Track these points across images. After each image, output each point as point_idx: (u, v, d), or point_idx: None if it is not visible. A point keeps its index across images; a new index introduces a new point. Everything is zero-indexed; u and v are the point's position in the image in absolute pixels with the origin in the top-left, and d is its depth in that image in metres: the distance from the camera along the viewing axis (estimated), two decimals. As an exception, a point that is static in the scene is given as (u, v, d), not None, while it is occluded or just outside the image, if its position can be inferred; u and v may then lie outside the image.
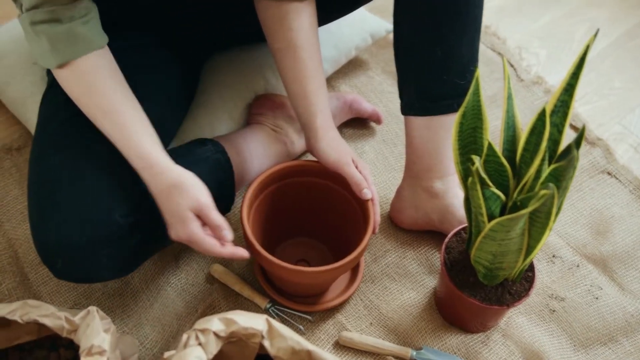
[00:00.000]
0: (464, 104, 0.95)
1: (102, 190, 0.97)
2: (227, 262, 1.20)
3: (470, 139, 0.98)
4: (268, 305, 1.14)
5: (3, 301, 1.14)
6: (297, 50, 1.07)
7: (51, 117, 1.08)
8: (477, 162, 0.89)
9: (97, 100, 0.96)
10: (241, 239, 1.22)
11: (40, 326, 0.94)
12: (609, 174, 1.39)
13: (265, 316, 0.88)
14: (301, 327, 1.13)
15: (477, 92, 0.94)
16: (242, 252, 0.95)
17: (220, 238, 0.94)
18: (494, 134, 1.39)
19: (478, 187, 0.90)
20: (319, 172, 1.13)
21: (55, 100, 1.10)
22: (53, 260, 0.96)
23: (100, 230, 0.95)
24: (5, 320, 0.95)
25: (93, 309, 0.92)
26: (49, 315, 0.93)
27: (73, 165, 0.99)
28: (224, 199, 1.17)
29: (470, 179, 0.92)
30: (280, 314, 1.13)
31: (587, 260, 1.25)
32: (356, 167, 1.08)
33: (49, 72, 1.22)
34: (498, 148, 0.94)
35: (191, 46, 1.26)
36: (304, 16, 1.06)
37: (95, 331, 0.89)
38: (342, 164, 1.07)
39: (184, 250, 1.21)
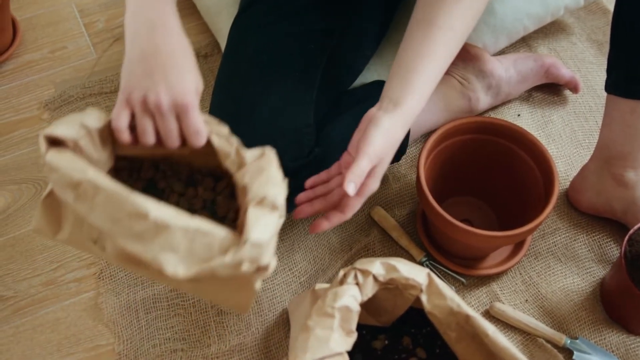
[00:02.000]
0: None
1: (277, 131, 0.97)
2: (389, 207, 1.17)
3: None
4: (423, 259, 1.10)
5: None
6: (432, 27, 0.90)
7: (241, 44, 1.08)
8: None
9: None
10: (407, 188, 1.19)
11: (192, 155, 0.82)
12: None
13: (427, 270, 0.85)
14: (453, 287, 1.08)
15: None
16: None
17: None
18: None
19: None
20: (505, 132, 1.06)
21: (247, 26, 1.10)
22: None
23: None
24: None
25: (270, 151, 0.78)
26: (222, 136, 0.79)
27: (254, 100, 0.99)
28: (397, 150, 1.13)
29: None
30: (434, 270, 1.09)
31: None
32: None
33: None
34: None
35: None
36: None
37: (272, 181, 0.75)
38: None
39: (349, 186, 1.19)
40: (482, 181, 1.14)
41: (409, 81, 0.89)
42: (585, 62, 1.37)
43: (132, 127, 0.77)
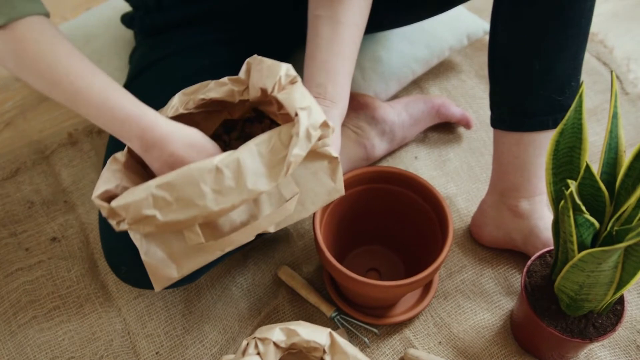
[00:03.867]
0: (563, 121, 0.87)
1: None
2: (296, 265, 1.16)
3: (565, 159, 0.90)
4: (334, 314, 1.09)
5: (71, 288, 1.14)
6: (338, 24, 0.95)
7: None
8: (572, 186, 0.81)
9: (58, 63, 0.81)
10: (312, 243, 1.18)
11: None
12: None
13: (328, 330, 0.85)
14: (366, 339, 1.08)
15: (579, 110, 0.86)
16: None
17: None
18: (590, 151, 1.29)
19: (570, 212, 0.83)
20: (398, 179, 1.07)
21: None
22: (117, 265, 0.96)
23: None
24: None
25: (252, 59, 0.85)
26: (211, 89, 0.87)
27: None
28: None
29: (562, 203, 0.84)
30: (346, 324, 1.09)
31: (685, 296, 1.14)
32: None
33: (131, 63, 1.21)
34: (596, 170, 0.86)
35: (262, 44, 1.21)
36: None
37: (272, 68, 0.81)
38: None
39: (254, 250, 1.18)
40: (385, 229, 1.15)
41: (337, 82, 0.93)
42: (476, 98, 1.41)
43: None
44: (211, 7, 1.12)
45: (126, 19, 1.24)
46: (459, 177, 1.29)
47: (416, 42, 1.36)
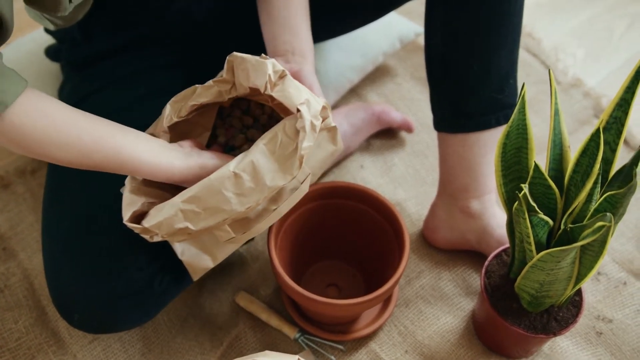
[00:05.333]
0: (509, 123, 0.87)
1: (118, 243, 0.91)
2: (253, 288, 1.13)
3: (514, 160, 0.91)
4: (297, 335, 1.07)
5: (20, 340, 1.09)
6: None
7: None
8: (525, 189, 0.82)
9: (67, 139, 0.77)
10: (267, 265, 1.16)
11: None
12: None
13: (296, 357, 0.83)
14: (333, 357, 1.06)
15: (522, 111, 0.87)
16: None
17: None
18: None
19: (526, 215, 0.83)
20: (352, 194, 1.06)
21: None
22: (69, 313, 0.92)
23: (118, 285, 0.90)
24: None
25: (233, 57, 0.85)
26: (199, 94, 0.88)
27: (87, 216, 0.94)
28: None
29: (516, 206, 0.84)
30: (311, 344, 1.07)
31: (635, 277, 1.17)
32: None
33: (61, 98, 1.16)
34: (541, 164, 0.87)
35: (206, 64, 1.18)
36: None
37: (258, 65, 0.82)
38: None
39: (208, 278, 1.15)
40: (341, 243, 1.13)
41: (302, 37, 0.95)
42: (414, 100, 1.42)
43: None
44: (142, 34, 1.09)
45: (51, 52, 1.19)
46: (406, 182, 1.29)
47: (350, 50, 1.35)
